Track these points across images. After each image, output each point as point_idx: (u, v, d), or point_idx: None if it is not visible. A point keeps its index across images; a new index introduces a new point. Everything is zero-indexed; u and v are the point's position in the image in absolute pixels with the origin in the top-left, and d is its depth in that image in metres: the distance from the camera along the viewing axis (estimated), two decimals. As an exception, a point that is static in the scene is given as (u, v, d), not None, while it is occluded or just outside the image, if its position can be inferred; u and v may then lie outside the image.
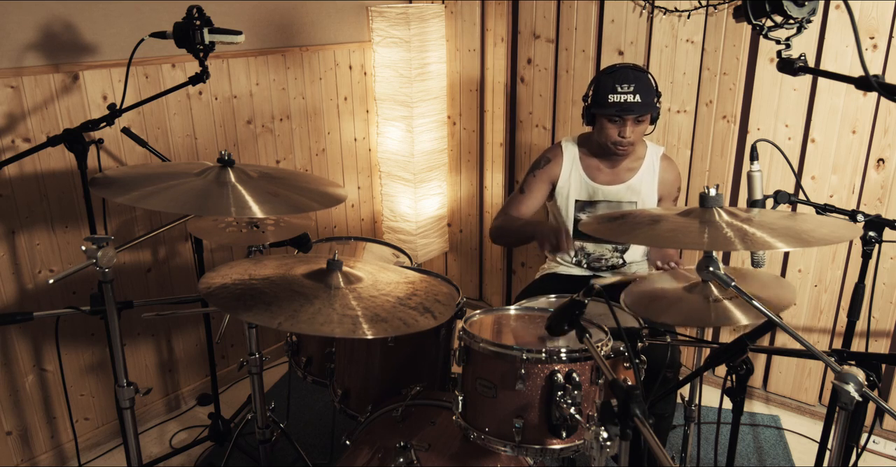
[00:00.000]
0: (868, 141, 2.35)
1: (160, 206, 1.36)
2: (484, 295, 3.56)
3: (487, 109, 3.23)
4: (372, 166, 3.39)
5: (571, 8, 2.84)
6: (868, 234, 1.77)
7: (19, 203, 2.18)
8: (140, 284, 2.55)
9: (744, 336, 1.37)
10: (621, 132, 2.10)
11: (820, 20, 2.33)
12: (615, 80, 2.05)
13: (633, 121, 2.09)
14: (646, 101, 2.05)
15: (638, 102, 2.04)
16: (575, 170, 2.28)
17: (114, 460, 2.45)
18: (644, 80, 2.06)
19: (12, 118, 2.12)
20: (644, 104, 2.04)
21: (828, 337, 2.60)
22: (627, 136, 2.10)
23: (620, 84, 2.04)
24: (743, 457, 2.43)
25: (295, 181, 1.60)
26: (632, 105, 2.04)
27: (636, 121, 2.09)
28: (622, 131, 2.09)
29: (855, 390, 1.12)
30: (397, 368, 1.81)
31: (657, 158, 2.25)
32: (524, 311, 1.70)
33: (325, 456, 2.40)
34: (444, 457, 1.53)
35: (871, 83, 1.17)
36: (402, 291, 1.44)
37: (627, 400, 0.98)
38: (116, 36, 2.31)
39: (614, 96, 2.04)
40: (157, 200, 1.36)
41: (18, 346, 2.25)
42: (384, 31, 3.07)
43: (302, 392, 2.79)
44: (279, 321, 1.24)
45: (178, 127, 2.55)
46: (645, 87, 2.05)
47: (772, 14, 1.33)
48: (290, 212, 1.47)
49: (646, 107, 2.05)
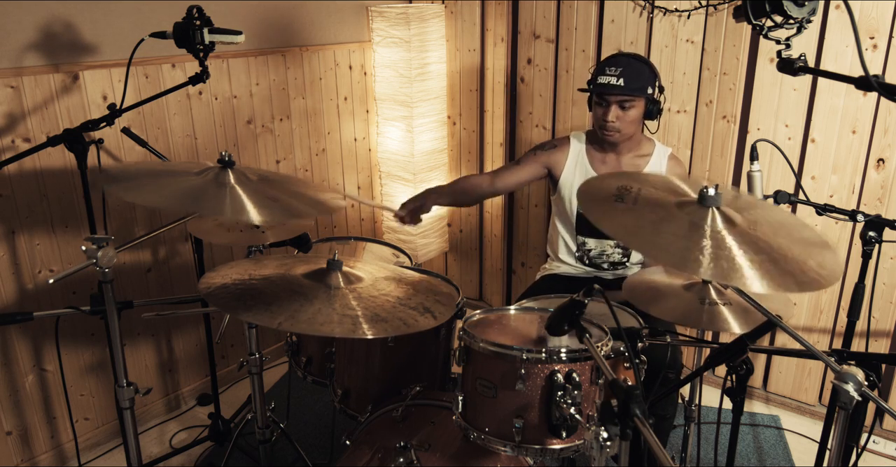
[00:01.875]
0: (868, 141, 2.35)
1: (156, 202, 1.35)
2: (484, 295, 3.56)
3: (487, 109, 3.23)
4: (372, 166, 3.39)
5: (571, 8, 2.84)
6: (868, 234, 1.77)
7: (19, 203, 2.18)
8: (140, 284, 2.55)
9: (744, 336, 1.37)
10: (605, 114, 2.12)
11: (820, 20, 2.33)
12: (608, 63, 2.10)
13: (617, 105, 2.10)
14: (630, 85, 2.06)
15: (619, 85, 2.06)
16: (580, 163, 2.29)
17: (114, 460, 2.45)
18: (635, 67, 2.08)
19: (12, 118, 2.12)
20: (626, 88, 2.06)
21: (828, 337, 2.60)
22: (610, 119, 2.11)
23: (609, 67, 2.08)
24: (743, 457, 2.43)
25: (294, 186, 1.60)
26: (612, 87, 2.07)
27: (621, 106, 2.10)
28: (606, 112, 2.12)
29: (855, 390, 1.13)
30: (397, 368, 1.81)
31: (665, 157, 2.25)
32: (524, 311, 1.69)
33: (325, 456, 2.40)
34: (444, 457, 1.53)
35: (871, 83, 1.17)
36: (402, 291, 1.44)
37: (627, 400, 0.98)
38: (116, 36, 2.31)
39: (602, 77, 2.09)
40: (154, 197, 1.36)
41: (18, 346, 2.25)
42: (384, 31, 3.07)
43: (302, 392, 2.79)
44: (279, 321, 1.24)
45: (178, 127, 2.55)
46: (633, 73, 2.06)
47: (772, 14, 1.33)
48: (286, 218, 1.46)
49: (627, 90, 2.07)
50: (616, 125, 2.12)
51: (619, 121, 2.11)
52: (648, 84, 2.10)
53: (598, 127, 2.18)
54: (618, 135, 2.15)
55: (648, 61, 2.14)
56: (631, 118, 2.12)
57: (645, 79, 2.09)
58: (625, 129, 2.14)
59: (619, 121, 2.11)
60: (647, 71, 2.10)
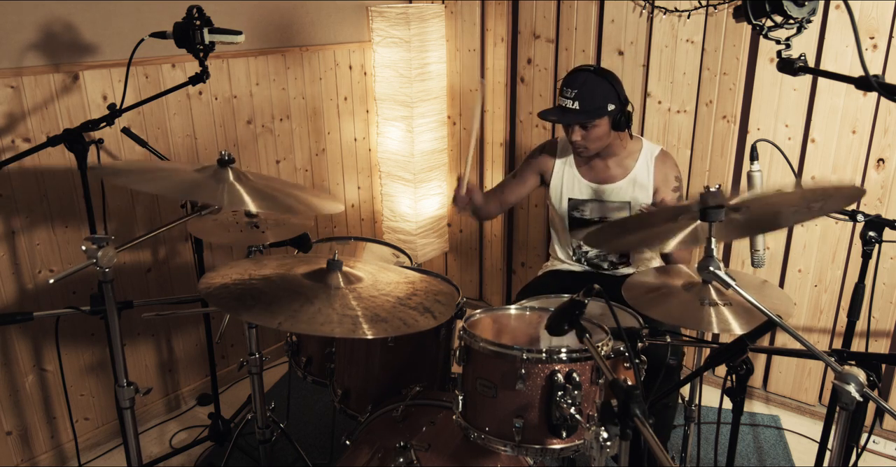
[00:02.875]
0: (868, 141, 2.35)
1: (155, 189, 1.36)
2: (484, 295, 3.56)
3: (487, 109, 3.23)
4: (372, 166, 3.39)
5: (571, 8, 2.84)
6: (868, 234, 1.77)
7: (19, 203, 2.18)
8: (140, 284, 2.55)
9: (744, 336, 1.37)
10: (569, 135, 2.12)
11: (820, 20, 2.33)
12: (565, 83, 2.07)
13: (578, 127, 2.08)
14: (585, 108, 2.02)
15: (575, 109, 2.03)
16: (568, 168, 2.30)
17: (114, 460, 2.45)
18: (591, 86, 2.03)
19: (12, 118, 2.12)
20: (581, 112, 2.03)
21: (828, 337, 2.60)
22: (573, 139, 2.11)
23: (565, 88, 2.05)
24: (743, 457, 2.43)
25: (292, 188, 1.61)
26: (567, 112, 2.05)
27: (583, 127, 2.08)
28: (570, 134, 2.11)
29: (855, 390, 1.12)
30: (397, 368, 1.81)
31: (651, 158, 2.23)
32: (524, 311, 1.70)
33: (325, 456, 2.40)
34: (444, 457, 1.53)
35: (871, 83, 1.17)
36: (402, 291, 1.44)
37: (627, 400, 0.98)
38: (116, 36, 2.31)
39: (560, 99, 2.07)
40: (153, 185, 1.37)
41: (18, 346, 2.25)
42: (384, 31, 3.07)
43: (302, 392, 2.79)
44: (280, 321, 1.24)
45: (178, 127, 2.55)
46: (588, 94, 2.02)
47: (772, 14, 1.33)
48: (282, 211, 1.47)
49: (583, 114, 2.03)
50: (582, 143, 2.12)
51: (584, 140, 2.11)
52: (608, 101, 2.05)
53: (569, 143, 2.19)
54: (587, 151, 2.16)
55: (608, 73, 2.08)
56: (595, 136, 2.10)
57: (602, 98, 2.04)
58: (592, 146, 2.13)
59: (584, 140, 2.11)
60: (604, 86, 2.05)
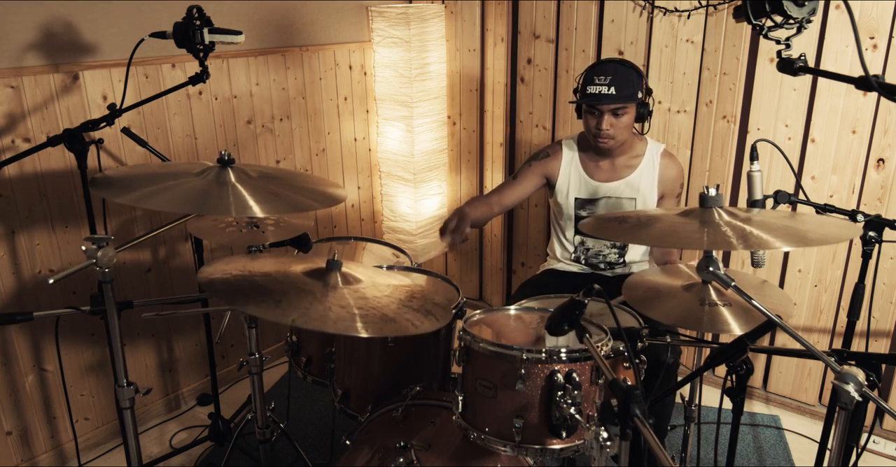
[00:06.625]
0: (868, 141, 2.35)
1: (160, 206, 1.36)
2: (484, 295, 3.56)
3: (487, 109, 3.23)
4: (372, 166, 3.39)
5: (571, 8, 2.84)
6: (868, 234, 1.77)
7: (19, 203, 2.18)
8: (140, 284, 2.55)
9: (744, 336, 1.37)
10: (598, 123, 2.13)
11: (820, 20, 2.33)
12: (595, 72, 2.10)
13: (610, 114, 2.11)
14: (621, 93, 2.07)
15: (612, 94, 2.06)
16: (574, 168, 2.30)
17: (114, 460, 2.45)
18: (623, 74, 2.08)
19: (12, 118, 2.12)
20: (618, 96, 2.07)
21: (828, 337, 2.60)
22: (604, 128, 2.12)
23: (598, 76, 2.08)
24: (743, 457, 2.43)
25: (295, 181, 1.60)
26: (604, 96, 2.07)
27: (614, 114, 2.11)
28: (599, 122, 2.13)
29: (855, 390, 1.12)
30: (397, 368, 1.81)
31: (657, 155, 2.25)
32: (524, 311, 1.70)
33: (325, 456, 2.40)
34: (444, 457, 1.53)
35: (871, 83, 1.17)
36: (402, 292, 1.45)
37: (627, 400, 0.98)
38: (116, 36, 2.31)
39: (591, 87, 2.09)
40: (158, 200, 1.36)
41: (18, 346, 2.25)
42: (384, 31, 3.07)
43: (302, 392, 2.79)
44: (293, 317, 1.24)
45: (178, 127, 2.55)
46: (622, 80, 2.07)
47: (772, 14, 1.34)
48: (290, 211, 1.46)
49: (620, 98, 2.07)
50: (610, 132, 2.13)
51: (612, 129, 2.13)
52: (638, 89, 2.11)
53: (591, 136, 2.19)
54: (612, 142, 2.17)
55: (634, 65, 2.14)
56: (624, 124, 2.13)
57: (634, 84, 2.09)
58: (619, 136, 2.15)
59: (613, 129, 2.13)
60: (634, 76, 2.10)
